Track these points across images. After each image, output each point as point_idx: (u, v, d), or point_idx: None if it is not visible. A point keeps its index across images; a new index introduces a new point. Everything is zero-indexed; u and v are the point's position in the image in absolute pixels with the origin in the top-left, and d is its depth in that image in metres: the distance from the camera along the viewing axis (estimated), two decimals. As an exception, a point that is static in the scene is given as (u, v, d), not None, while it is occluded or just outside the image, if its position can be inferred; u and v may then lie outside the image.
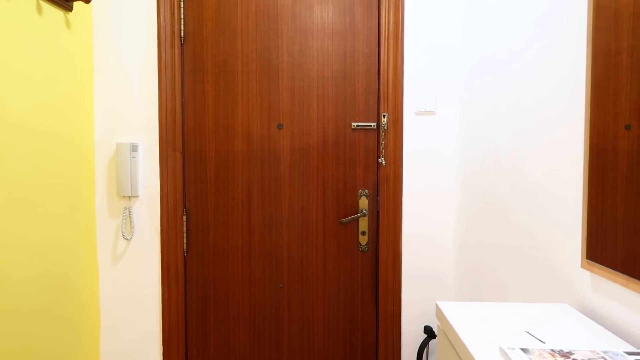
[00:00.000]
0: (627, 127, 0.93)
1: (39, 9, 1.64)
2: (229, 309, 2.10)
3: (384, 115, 2.02)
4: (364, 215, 2.05)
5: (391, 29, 2.01)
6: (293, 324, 2.10)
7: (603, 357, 0.80)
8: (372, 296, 2.09)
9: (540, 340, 0.90)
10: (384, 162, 2.03)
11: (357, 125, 2.04)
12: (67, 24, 1.82)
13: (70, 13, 1.83)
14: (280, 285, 2.09)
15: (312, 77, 2.04)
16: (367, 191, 2.06)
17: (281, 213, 2.08)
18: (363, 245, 2.07)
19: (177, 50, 2.03)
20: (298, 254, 2.09)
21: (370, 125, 2.05)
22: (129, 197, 2.04)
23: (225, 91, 2.06)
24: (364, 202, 2.06)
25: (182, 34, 2.04)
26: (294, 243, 2.09)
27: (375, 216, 2.08)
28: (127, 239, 2.06)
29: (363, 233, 2.06)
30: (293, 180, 2.07)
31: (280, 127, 2.04)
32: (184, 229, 2.07)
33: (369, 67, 2.04)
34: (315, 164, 2.07)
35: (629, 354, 0.82)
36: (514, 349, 0.82)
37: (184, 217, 2.07)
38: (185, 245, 2.08)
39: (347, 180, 2.07)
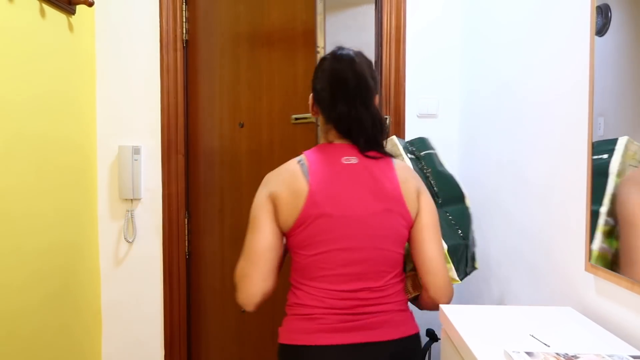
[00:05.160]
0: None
1: (42, 13, 1.65)
2: (215, 320, 2.09)
3: (386, 118, 2.02)
4: None
5: (393, 32, 2.01)
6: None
7: (608, 361, 0.79)
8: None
9: (545, 344, 0.89)
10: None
11: (297, 119, 1.98)
12: (70, 27, 1.82)
13: (73, 16, 1.83)
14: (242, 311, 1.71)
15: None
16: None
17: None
18: None
19: (179, 53, 2.03)
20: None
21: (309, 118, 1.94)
22: (131, 199, 2.04)
23: (210, 89, 2.07)
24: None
25: (184, 37, 2.04)
26: None
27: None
28: (129, 242, 2.06)
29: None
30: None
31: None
32: (186, 232, 2.07)
33: (306, 35, 1.92)
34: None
35: (635, 357, 0.81)
36: (518, 352, 0.82)
37: (186, 221, 2.07)
38: (187, 248, 2.08)
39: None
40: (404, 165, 1.23)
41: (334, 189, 1.14)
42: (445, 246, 1.26)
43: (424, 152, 1.50)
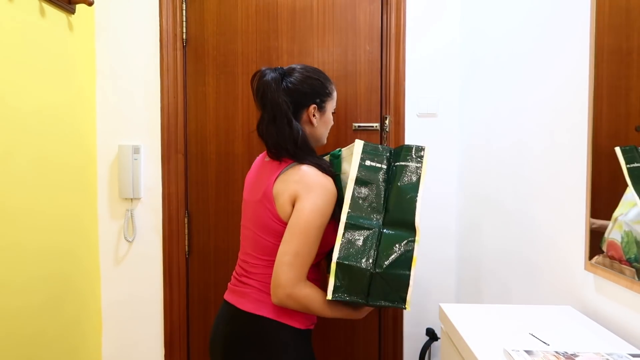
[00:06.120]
0: (638, 129, 0.93)
1: (42, 12, 1.65)
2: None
3: (386, 117, 2.02)
4: None
5: (392, 31, 2.01)
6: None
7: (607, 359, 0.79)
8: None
9: (545, 343, 0.89)
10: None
11: (359, 126, 2.04)
12: (70, 26, 1.83)
13: (72, 15, 1.83)
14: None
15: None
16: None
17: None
18: None
19: (179, 53, 2.03)
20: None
21: (372, 126, 2.05)
22: (131, 199, 2.05)
23: (226, 93, 2.06)
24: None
25: (184, 37, 2.04)
26: None
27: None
28: (129, 241, 2.06)
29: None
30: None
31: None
32: (186, 231, 2.07)
33: (371, 64, 2.04)
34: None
35: (634, 356, 0.81)
36: (518, 351, 0.82)
37: (186, 220, 2.07)
38: (187, 247, 2.08)
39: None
40: (297, 172, 1.30)
41: (249, 179, 1.44)
42: (334, 258, 1.20)
43: (399, 164, 1.30)
